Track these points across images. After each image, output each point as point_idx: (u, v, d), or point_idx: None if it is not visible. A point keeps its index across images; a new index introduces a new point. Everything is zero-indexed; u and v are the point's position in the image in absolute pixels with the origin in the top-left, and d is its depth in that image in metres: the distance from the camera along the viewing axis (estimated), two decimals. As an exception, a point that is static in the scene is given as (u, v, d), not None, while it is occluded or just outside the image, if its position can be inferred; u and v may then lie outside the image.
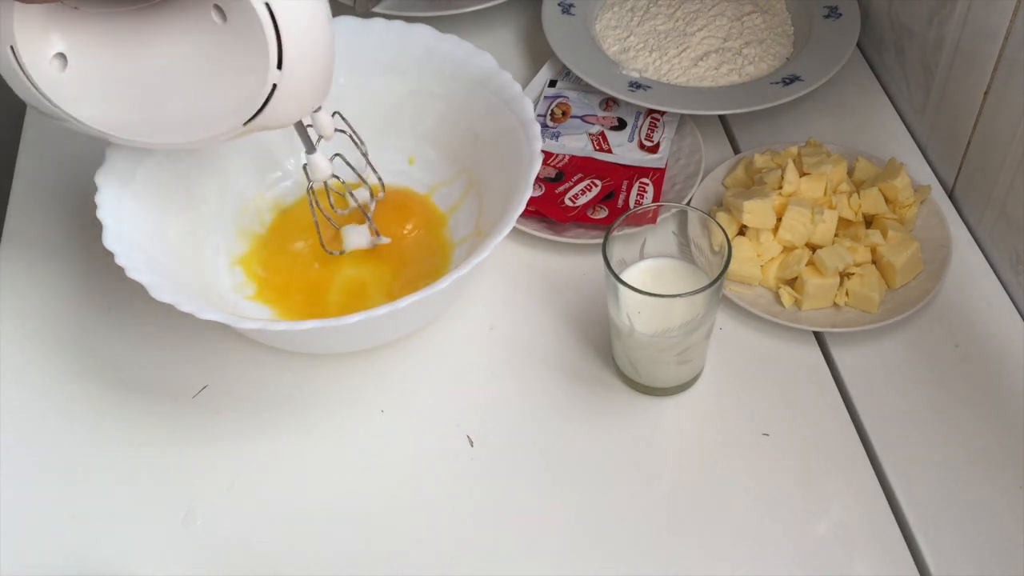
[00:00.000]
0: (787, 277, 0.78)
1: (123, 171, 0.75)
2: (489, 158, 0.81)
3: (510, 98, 0.79)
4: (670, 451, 0.73)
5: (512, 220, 0.70)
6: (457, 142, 0.84)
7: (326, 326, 0.66)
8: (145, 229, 0.74)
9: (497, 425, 0.74)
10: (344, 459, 0.73)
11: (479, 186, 0.82)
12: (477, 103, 0.81)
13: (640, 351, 0.71)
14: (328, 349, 0.77)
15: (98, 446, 0.74)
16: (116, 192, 0.74)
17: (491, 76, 0.80)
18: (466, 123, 0.83)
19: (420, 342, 0.79)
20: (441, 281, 0.67)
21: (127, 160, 0.75)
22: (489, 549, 0.68)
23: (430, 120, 0.85)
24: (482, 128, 0.82)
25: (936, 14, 0.84)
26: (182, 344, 0.79)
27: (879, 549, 0.67)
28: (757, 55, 0.94)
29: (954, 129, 0.84)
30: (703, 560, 0.67)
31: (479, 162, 0.82)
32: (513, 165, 0.76)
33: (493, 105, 0.80)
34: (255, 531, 0.69)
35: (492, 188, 0.80)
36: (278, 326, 0.68)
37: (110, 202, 0.73)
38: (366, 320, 0.66)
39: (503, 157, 0.78)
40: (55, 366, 0.78)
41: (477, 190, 0.83)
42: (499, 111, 0.79)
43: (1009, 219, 0.79)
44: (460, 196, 0.84)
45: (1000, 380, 0.74)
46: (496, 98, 0.80)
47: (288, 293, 0.80)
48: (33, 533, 0.70)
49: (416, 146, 0.86)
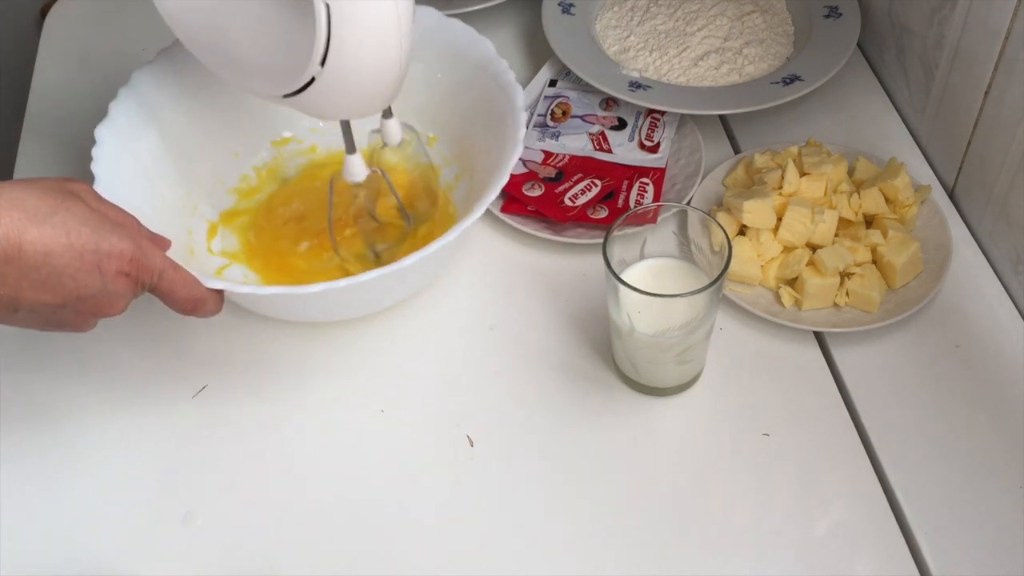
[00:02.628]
0: (787, 277, 0.78)
1: (125, 129, 0.77)
2: (481, 142, 0.82)
3: (505, 84, 0.80)
4: (670, 451, 0.73)
5: (484, 205, 0.71)
6: (455, 125, 0.85)
7: (290, 293, 0.68)
8: (140, 186, 0.75)
9: (497, 425, 0.74)
10: (344, 459, 0.73)
11: (471, 170, 0.83)
12: (476, 88, 0.83)
13: (640, 351, 0.71)
14: (297, 317, 0.78)
15: (98, 445, 0.74)
16: (114, 149, 0.75)
17: (490, 62, 0.82)
18: (464, 106, 0.84)
19: (420, 342, 0.79)
20: (404, 260, 0.68)
21: (130, 118, 0.77)
22: (489, 549, 0.68)
23: (428, 101, 0.86)
24: (477, 113, 0.83)
25: (936, 13, 0.84)
26: (182, 344, 0.79)
27: (879, 549, 0.67)
28: (757, 55, 0.94)
29: (954, 129, 0.84)
30: (703, 560, 0.67)
31: (472, 146, 0.83)
32: (499, 150, 0.77)
33: (490, 90, 0.81)
34: (255, 531, 0.69)
35: (481, 172, 0.81)
36: (244, 288, 0.69)
37: (107, 157, 0.74)
38: (326, 291, 0.67)
39: (493, 142, 0.79)
40: (55, 366, 0.78)
41: (469, 174, 0.84)
42: (494, 96, 0.81)
43: (1009, 219, 0.78)
44: (454, 179, 0.85)
45: (1000, 380, 0.74)
46: (493, 83, 0.81)
47: (270, 264, 0.81)
48: (33, 533, 0.70)
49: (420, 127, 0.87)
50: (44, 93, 0.99)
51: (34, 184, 0.58)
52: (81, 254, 0.58)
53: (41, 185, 0.59)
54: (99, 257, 0.59)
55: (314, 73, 0.62)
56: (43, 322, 0.61)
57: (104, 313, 0.62)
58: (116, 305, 0.62)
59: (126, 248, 0.60)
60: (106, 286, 0.60)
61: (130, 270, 0.61)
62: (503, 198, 0.86)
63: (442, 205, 0.84)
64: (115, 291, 0.61)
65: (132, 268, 0.61)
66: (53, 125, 0.96)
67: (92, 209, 0.60)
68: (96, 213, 0.60)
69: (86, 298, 0.60)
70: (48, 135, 0.94)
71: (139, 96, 0.79)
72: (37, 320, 0.60)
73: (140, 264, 0.61)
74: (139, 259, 0.61)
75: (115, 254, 0.60)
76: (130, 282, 0.62)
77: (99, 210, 0.61)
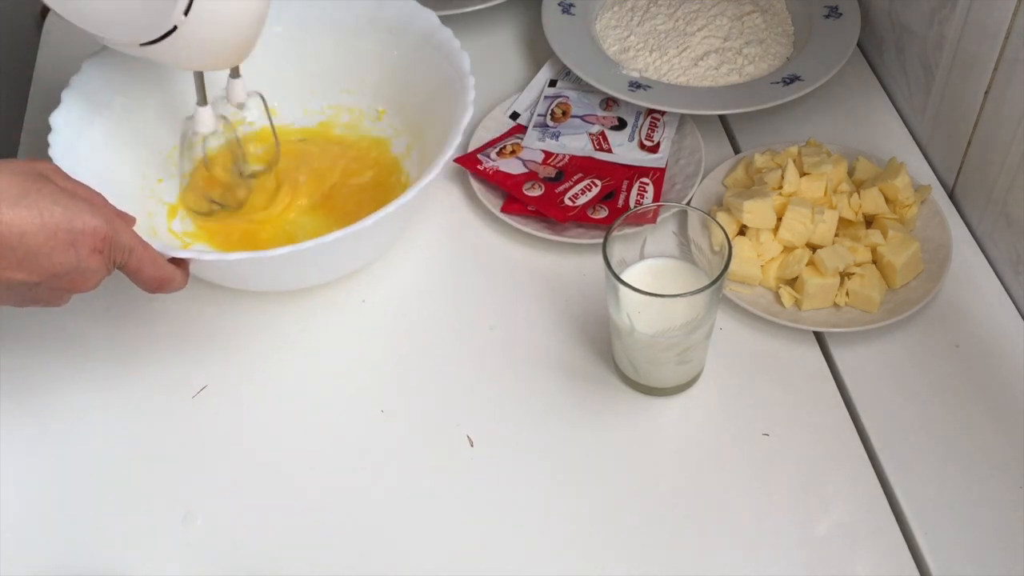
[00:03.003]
0: (787, 277, 0.78)
1: (79, 115, 0.78)
2: (432, 111, 0.84)
3: (450, 52, 0.82)
4: (670, 451, 0.73)
5: (439, 165, 0.73)
6: (403, 97, 0.87)
7: (252, 258, 0.70)
8: (98, 170, 0.76)
9: (497, 425, 0.74)
10: (344, 459, 0.73)
11: (422, 139, 0.85)
12: (423, 59, 0.85)
13: (640, 351, 0.71)
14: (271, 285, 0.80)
15: (98, 446, 0.74)
16: (70, 136, 0.77)
17: (435, 31, 0.84)
18: (412, 78, 0.86)
19: (420, 342, 0.79)
20: (366, 219, 0.70)
21: (83, 104, 0.79)
22: (489, 549, 0.68)
23: (379, 77, 0.88)
24: (425, 83, 0.85)
25: (936, 14, 0.84)
26: (182, 344, 0.79)
27: (879, 549, 0.67)
28: (757, 55, 0.94)
29: (954, 129, 0.84)
30: (703, 560, 0.67)
31: (423, 116, 0.85)
32: (450, 116, 0.79)
33: (436, 60, 0.83)
34: (255, 531, 0.69)
35: (432, 139, 0.82)
36: (208, 256, 0.71)
37: (63, 143, 0.76)
38: (290, 254, 0.69)
39: (443, 110, 0.81)
40: (55, 366, 0.78)
41: (420, 143, 0.85)
42: (440, 65, 0.83)
43: (1009, 219, 0.78)
44: (406, 149, 0.87)
45: (1000, 380, 0.74)
46: (438, 53, 0.83)
47: (231, 240, 0.83)
48: (33, 533, 0.70)
49: (372, 100, 0.90)
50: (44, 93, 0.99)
51: (3, 167, 0.59)
52: (55, 233, 0.59)
53: (10, 168, 0.60)
54: (73, 235, 0.60)
55: (177, 21, 0.63)
56: (19, 299, 0.62)
57: (78, 289, 0.63)
58: (90, 281, 0.63)
59: (99, 226, 0.61)
60: (80, 263, 0.61)
61: (102, 247, 0.62)
62: (503, 198, 0.86)
63: (393, 176, 0.86)
64: (88, 268, 0.62)
65: (104, 245, 0.62)
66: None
67: (62, 188, 0.61)
68: (66, 192, 0.61)
69: (61, 275, 0.61)
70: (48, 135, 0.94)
71: (89, 83, 0.80)
72: (13, 297, 0.62)
73: (112, 241, 0.63)
74: (111, 236, 0.63)
75: (88, 232, 0.61)
76: (103, 259, 0.63)
77: (68, 189, 0.62)
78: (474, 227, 0.86)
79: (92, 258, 0.62)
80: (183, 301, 0.80)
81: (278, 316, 0.80)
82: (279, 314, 0.80)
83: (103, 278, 0.64)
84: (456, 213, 0.87)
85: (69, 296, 0.64)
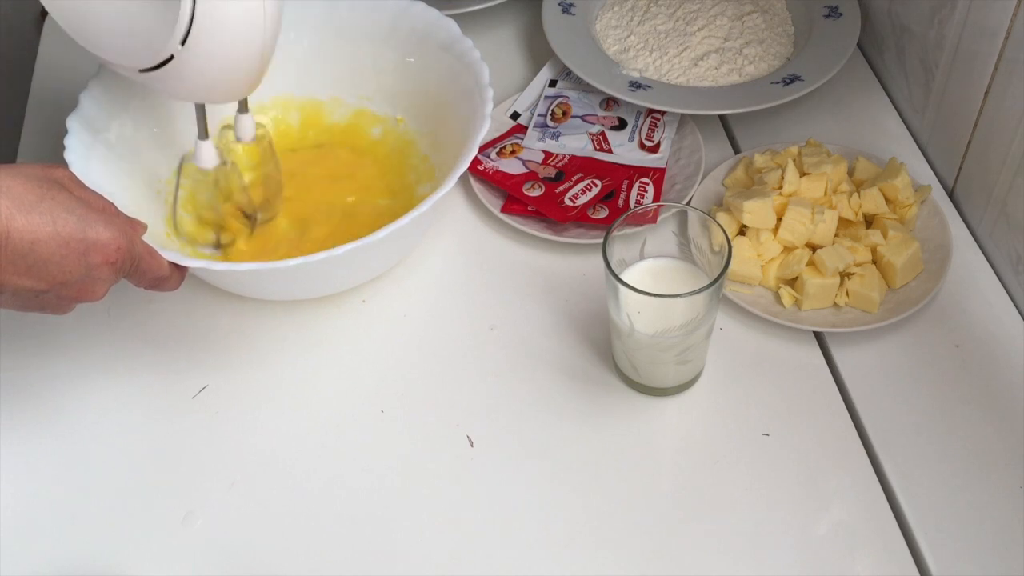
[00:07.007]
0: (787, 277, 0.78)
1: (96, 117, 0.78)
2: (449, 121, 0.83)
3: (471, 62, 0.82)
4: (670, 451, 0.73)
5: (454, 179, 0.72)
6: (422, 106, 0.87)
7: (262, 268, 0.69)
8: (113, 173, 0.77)
9: (497, 425, 0.74)
10: (344, 459, 0.73)
11: (439, 148, 0.85)
12: (443, 68, 0.84)
13: (640, 351, 0.71)
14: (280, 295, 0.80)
15: (98, 446, 0.74)
16: (86, 138, 0.77)
17: (455, 41, 0.83)
18: (431, 87, 0.86)
19: (420, 342, 0.79)
20: (378, 232, 0.69)
21: (100, 107, 0.78)
22: (489, 549, 0.68)
23: (396, 84, 0.88)
24: (444, 92, 0.84)
25: (936, 13, 0.84)
26: (182, 344, 0.79)
27: (879, 549, 0.67)
28: (757, 55, 0.94)
29: (954, 129, 0.84)
30: (703, 560, 0.67)
31: (440, 126, 0.85)
32: (467, 127, 0.78)
33: (456, 70, 0.83)
34: (255, 531, 0.69)
35: (449, 150, 0.82)
36: (219, 266, 0.70)
37: (79, 145, 0.76)
38: (304, 265, 0.68)
39: (461, 120, 0.81)
40: (55, 367, 0.78)
41: (437, 152, 0.85)
42: (460, 75, 0.82)
43: (1009, 219, 0.78)
44: (421, 158, 0.87)
45: (1000, 380, 0.74)
46: (459, 63, 0.83)
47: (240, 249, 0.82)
48: (33, 533, 0.70)
49: (390, 108, 0.89)
50: (44, 93, 0.99)
51: (19, 172, 0.59)
52: (67, 242, 0.59)
53: (26, 173, 0.59)
54: (85, 246, 0.60)
55: (173, 51, 0.63)
56: (23, 304, 0.62)
57: (84, 299, 0.63)
58: (97, 291, 0.63)
59: (112, 238, 0.61)
60: (89, 273, 0.61)
61: (116, 259, 0.62)
62: (503, 198, 0.86)
63: (407, 187, 0.86)
64: (97, 278, 0.62)
65: (118, 256, 0.62)
66: (53, 125, 0.95)
67: (76, 198, 0.61)
68: (80, 201, 0.61)
69: (69, 284, 0.61)
70: (48, 135, 0.94)
71: (107, 85, 0.80)
72: (18, 302, 0.61)
73: (126, 253, 0.63)
74: (125, 248, 0.62)
75: (101, 243, 0.61)
76: (113, 270, 0.63)
77: (82, 198, 0.62)
78: (474, 227, 0.86)
79: (102, 269, 0.62)
80: (183, 302, 0.80)
81: (278, 316, 0.80)
82: (279, 314, 0.80)
83: (110, 287, 0.64)
84: (456, 213, 0.87)
85: (74, 305, 0.64)
